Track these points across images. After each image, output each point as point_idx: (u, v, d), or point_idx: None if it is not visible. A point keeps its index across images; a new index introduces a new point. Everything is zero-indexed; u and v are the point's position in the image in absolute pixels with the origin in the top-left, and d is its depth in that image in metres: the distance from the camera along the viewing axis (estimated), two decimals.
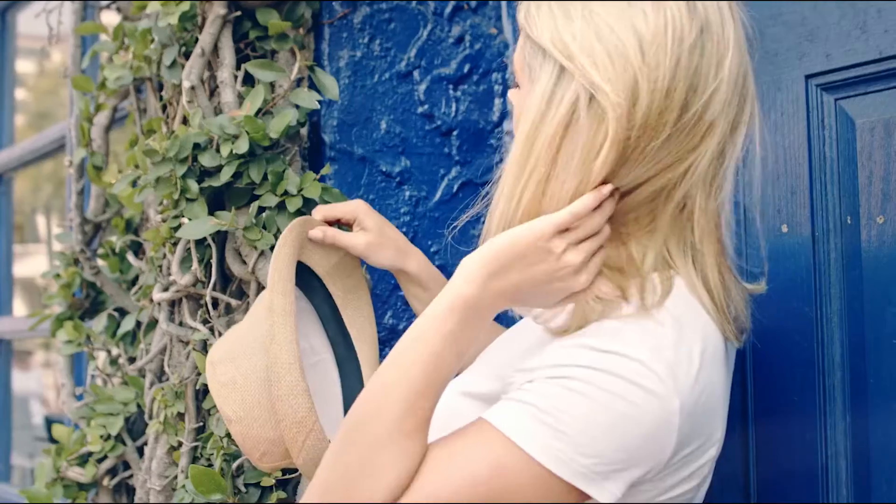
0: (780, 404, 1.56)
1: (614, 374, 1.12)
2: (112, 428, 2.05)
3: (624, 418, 1.11)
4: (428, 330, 1.18)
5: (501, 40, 2.01)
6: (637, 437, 1.12)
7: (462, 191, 1.96)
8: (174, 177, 1.75)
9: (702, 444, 1.20)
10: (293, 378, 1.38)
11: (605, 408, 1.11)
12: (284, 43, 1.84)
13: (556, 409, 1.12)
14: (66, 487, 2.13)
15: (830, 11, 1.53)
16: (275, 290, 1.44)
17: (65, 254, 2.26)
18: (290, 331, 1.42)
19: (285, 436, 1.38)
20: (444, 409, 1.27)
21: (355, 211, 1.62)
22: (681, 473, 1.19)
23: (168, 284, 1.88)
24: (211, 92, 1.86)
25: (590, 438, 1.11)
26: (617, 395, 1.11)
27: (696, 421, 1.16)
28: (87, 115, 2.16)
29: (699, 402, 1.16)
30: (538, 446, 1.12)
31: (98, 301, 2.28)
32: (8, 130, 3.88)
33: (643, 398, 1.11)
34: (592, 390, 1.11)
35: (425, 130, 1.96)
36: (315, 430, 1.38)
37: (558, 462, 1.12)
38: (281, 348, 1.40)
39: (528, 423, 1.13)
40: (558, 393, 1.13)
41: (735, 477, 1.61)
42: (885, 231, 1.45)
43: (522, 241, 1.17)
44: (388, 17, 1.95)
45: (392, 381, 1.17)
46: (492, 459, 1.13)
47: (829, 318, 1.51)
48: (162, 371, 1.99)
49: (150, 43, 1.93)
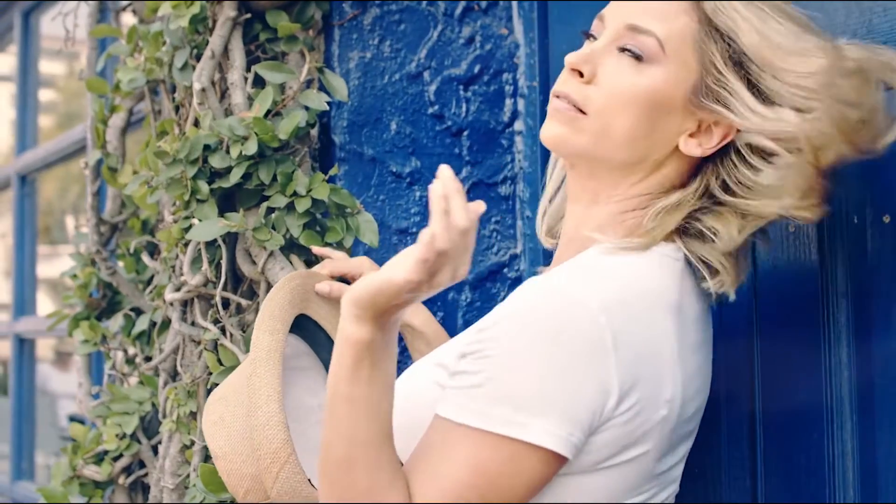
0: (786, 405, 1.55)
1: (534, 302, 1.19)
2: (127, 427, 2.07)
3: (552, 335, 1.16)
4: (345, 392, 1.20)
5: (512, 41, 2.01)
6: (571, 352, 1.16)
7: (473, 191, 1.97)
8: (185, 178, 1.77)
9: (648, 395, 1.22)
10: (271, 409, 1.39)
11: (532, 340, 1.16)
12: (294, 45, 1.85)
13: (491, 378, 1.17)
14: (82, 486, 2.15)
15: (837, 10, 1.52)
16: (261, 329, 1.46)
17: (81, 254, 2.28)
18: (272, 365, 1.43)
19: (260, 466, 1.38)
20: (423, 384, 1.32)
21: (361, 266, 1.67)
22: (630, 427, 1.21)
23: (180, 285, 1.90)
24: (222, 94, 1.88)
25: (536, 378, 1.16)
26: (540, 317, 1.17)
27: (634, 350, 1.20)
28: (102, 117, 2.19)
29: (636, 331, 1.20)
30: (500, 422, 1.16)
31: (115, 301, 2.30)
32: (31, 132, 3.92)
33: (563, 305, 1.18)
34: (517, 334, 1.17)
35: (436, 131, 1.97)
36: (290, 463, 1.38)
37: (518, 427, 1.16)
38: (261, 380, 1.42)
39: (468, 402, 1.17)
40: (487, 362, 1.18)
41: (742, 477, 1.61)
42: (891, 230, 1.45)
43: (389, 291, 1.15)
44: (398, 18, 1.96)
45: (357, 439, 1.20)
46: (469, 456, 1.17)
47: (836, 318, 1.51)
48: (175, 370, 2.01)
49: (162, 45, 1.94)
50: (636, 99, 1.32)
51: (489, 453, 1.16)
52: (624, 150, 1.34)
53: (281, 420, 1.39)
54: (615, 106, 1.32)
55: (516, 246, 1.97)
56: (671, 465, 1.32)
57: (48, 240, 7.85)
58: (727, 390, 1.62)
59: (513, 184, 2.00)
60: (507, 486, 1.17)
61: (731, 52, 1.31)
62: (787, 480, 1.55)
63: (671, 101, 1.33)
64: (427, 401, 1.26)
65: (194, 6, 1.83)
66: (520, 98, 2.00)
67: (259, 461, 1.38)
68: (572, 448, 1.17)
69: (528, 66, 1.99)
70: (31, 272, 3.90)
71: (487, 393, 1.17)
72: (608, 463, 1.23)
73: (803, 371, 1.53)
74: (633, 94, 1.32)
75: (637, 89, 1.32)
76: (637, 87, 1.32)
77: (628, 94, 1.32)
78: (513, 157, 2.00)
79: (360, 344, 1.18)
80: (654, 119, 1.33)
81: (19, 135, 3.92)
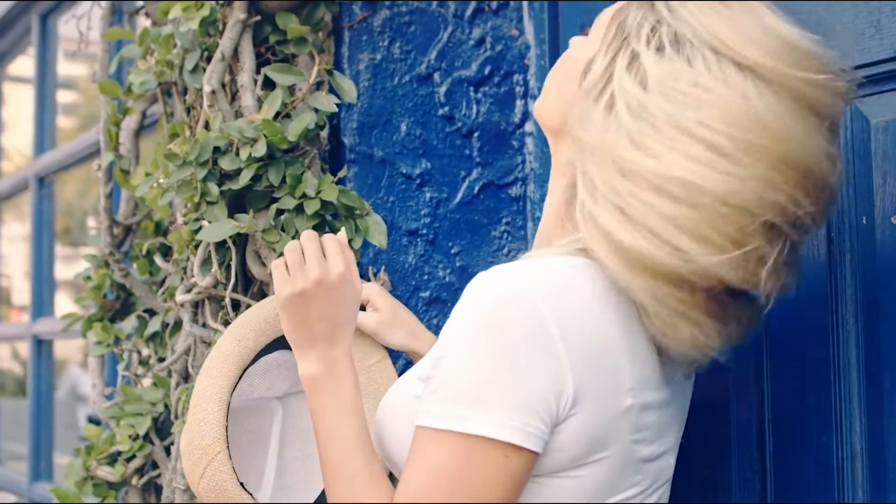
0: (795, 406, 1.55)
1: (475, 299, 1.21)
2: (140, 428, 2.08)
3: (492, 328, 1.17)
4: (314, 423, 1.35)
5: (523, 42, 2.01)
6: (513, 343, 1.17)
7: (483, 192, 1.97)
8: (195, 180, 1.78)
9: (608, 385, 1.21)
10: (209, 407, 1.42)
11: (475, 336, 1.18)
12: (304, 47, 1.86)
13: (445, 379, 1.20)
14: (95, 486, 2.16)
15: (845, 10, 1.51)
16: (230, 334, 1.51)
17: (95, 256, 2.29)
18: (227, 369, 1.46)
19: (189, 461, 1.40)
20: (398, 398, 1.36)
21: (368, 293, 1.70)
22: (597, 420, 1.21)
23: (190, 286, 1.91)
24: (232, 96, 1.88)
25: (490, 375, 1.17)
26: (480, 312, 1.19)
27: (584, 339, 1.19)
28: (114, 119, 2.20)
29: (584, 321, 1.20)
30: (452, 419, 1.18)
31: (128, 303, 2.31)
32: (49, 134, 3.94)
33: (503, 298, 1.19)
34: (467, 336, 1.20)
35: (446, 132, 1.97)
36: (217, 461, 1.40)
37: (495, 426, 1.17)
38: (210, 380, 1.44)
39: (430, 406, 1.20)
40: (441, 364, 1.21)
41: (751, 480, 1.61)
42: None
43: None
44: (408, 19, 1.96)
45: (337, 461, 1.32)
46: (430, 458, 1.19)
47: (845, 319, 1.50)
48: (187, 371, 2.01)
49: (173, 48, 1.95)
50: (560, 63, 1.40)
51: (448, 453, 1.17)
52: (549, 112, 1.39)
53: (217, 419, 1.41)
54: (554, 70, 1.41)
55: (527, 247, 1.97)
56: (657, 455, 1.31)
57: (69, 241, 7.88)
58: (736, 392, 1.62)
59: (523, 185, 1.99)
60: (472, 484, 1.17)
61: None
62: (796, 482, 1.55)
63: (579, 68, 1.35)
64: (401, 413, 1.32)
65: (204, 9, 1.83)
66: (530, 99, 2.00)
67: (191, 455, 1.40)
68: (533, 439, 1.18)
69: (539, 67, 1.99)
70: (50, 273, 3.93)
71: (442, 394, 1.19)
72: (586, 460, 1.23)
73: (812, 372, 1.52)
74: (561, 59, 1.40)
75: (564, 56, 1.40)
76: (565, 55, 1.40)
77: (560, 60, 1.41)
78: (523, 158, 1.99)
79: (306, 379, 1.38)
80: (565, 83, 1.37)
81: (37, 137, 3.94)
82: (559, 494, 1.24)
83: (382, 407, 1.38)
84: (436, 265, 1.92)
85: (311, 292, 1.38)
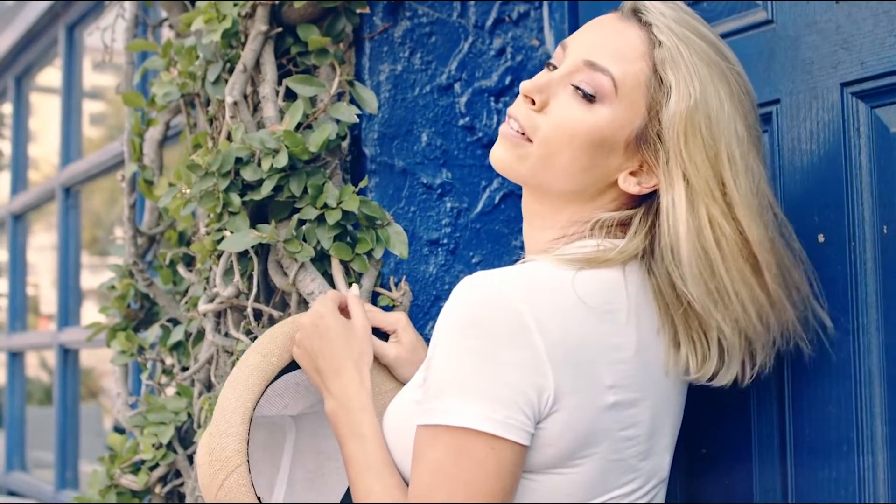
0: (816, 415, 1.54)
1: (458, 300, 1.27)
2: (163, 436, 2.10)
3: (472, 325, 1.23)
4: (357, 450, 1.42)
5: (543, 52, 2.01)
6: (492, 338, 1.22)
7: (504, 202, 1.97)
8: (217, 191, 1.79)
9: (589, 381, 1.26)
10: (233, 419, 1.44)
11: (457, 334, 1.25)
12: (325, 58, 1.87)
13: (434, 379, 1.26)
14: (119, 494, 2.18)
15: (865, 19, 1.51)
16: (255, 349, 1.53)
17: (119, 266, 2.31)
18: (252, 384, 1.48)
19: (209, 471, 1.41)
20: (398, 404, 1.42)
21: (396, 324, 1.71)
22: (582, 416, 1.26)
23: (213, 296, 1.92)
24: (254, 107, 1.89)
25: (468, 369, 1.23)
26: (462, 311, 1.26)
27: (562, 335, 1.24)
28: (138, 130, 2.22)
29: (562, 319, 1.25)
30: (438, 414, 1.24)
31: (152, 312, 2.33)
32: (76, 144, 3.97)
33: (482, 296, 1.25)
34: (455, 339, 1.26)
35: (466, 142, 1.97)
36: (237, 473, 1.41)
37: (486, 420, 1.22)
38: (234, 392, 1.46)
39: (423, 406, 1.27)
40: (431, 364, 1.28)
41: (773, 489, 1.60)
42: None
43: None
44: (428, 30, 1.97)
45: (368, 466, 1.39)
46: (426, 455, 1.25)
47: (867, 328, 1.50)
48: (210, 381, 2.03)
49: (196, 59, 1.97)
50: (580, 135, 1.36)
51: (442, 449, 1.23)
52: (564, 181, 1.39)
53: (239, 432, 1.43)
54: (560, 138, 1.37)
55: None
56: (649, 454, 1.33)
57: (97, 251, 7.92)
58: (758, 401, 1.62)
59: None
60: (467, 479, 1.22)
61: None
62: (817, 491, 1.54)
63: (614, 141, 1.37)
64: (400, 418, 1.38)
65: (227, 21, 1.85)
66: None
67: (211, 466, 1.41)
68: (517, 431, 1.22)
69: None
70: (76, 283, 3.96)
71: (432, 392, 1.25)
72: (576, 456, 1.26)
73: (833, 381, 1.52)
74: (578, 129, 1.36)
75: (583, 126, 1.36)
76: (583, 123, 1.36)
77: (574, 129, 1.36)
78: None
79: (327, 414, 1.48)
80: (595, 155, 1.37)
81: (64, 147, 3.97)
82: (553, 492, 1.27)
83: (386, 420, 1.42)
84: (457, 275, 1.92)
85: (303, 336, 1.55)
